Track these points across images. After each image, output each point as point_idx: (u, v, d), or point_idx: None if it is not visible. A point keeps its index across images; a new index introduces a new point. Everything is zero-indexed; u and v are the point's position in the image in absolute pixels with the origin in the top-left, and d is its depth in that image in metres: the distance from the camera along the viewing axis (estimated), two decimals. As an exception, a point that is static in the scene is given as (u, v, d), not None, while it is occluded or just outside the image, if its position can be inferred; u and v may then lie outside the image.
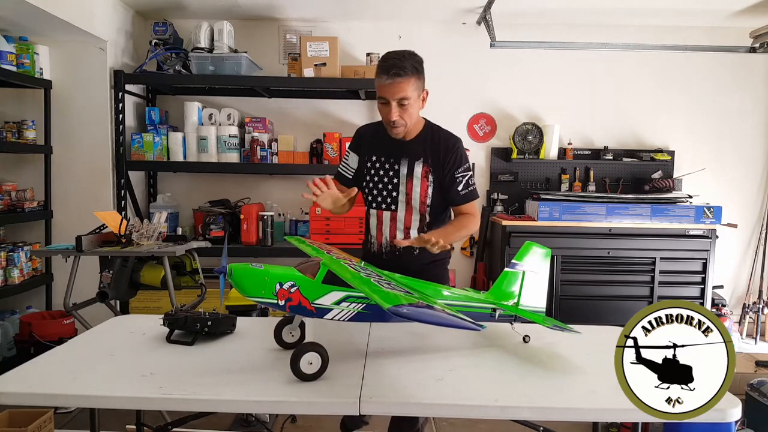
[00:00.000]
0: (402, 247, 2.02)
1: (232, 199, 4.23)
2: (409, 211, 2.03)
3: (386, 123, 1.98)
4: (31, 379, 1.39)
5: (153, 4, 4.08)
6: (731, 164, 4.51)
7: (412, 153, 2.03)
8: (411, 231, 2.04)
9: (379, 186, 2.06)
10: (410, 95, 1.92)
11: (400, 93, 1.91)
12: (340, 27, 4.34)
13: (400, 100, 1.92)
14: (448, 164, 2.01)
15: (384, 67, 1.92)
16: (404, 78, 1.90)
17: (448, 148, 2.02)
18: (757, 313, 4.35)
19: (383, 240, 2.08)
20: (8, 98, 3.76)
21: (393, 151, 2.05)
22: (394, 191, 2.04)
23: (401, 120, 1.95)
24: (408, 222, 2.04)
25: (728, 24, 4.29)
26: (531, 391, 1.36)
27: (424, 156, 2.02)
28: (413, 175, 2.01)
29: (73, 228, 3.13)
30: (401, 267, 1.91)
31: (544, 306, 1.78)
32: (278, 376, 1.40)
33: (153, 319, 1.88)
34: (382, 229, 2.07)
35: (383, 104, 1.95)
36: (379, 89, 1.94)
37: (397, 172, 2.03)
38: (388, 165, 2.04)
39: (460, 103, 4.44)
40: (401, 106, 1.93)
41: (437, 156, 2.01)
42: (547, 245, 1.80)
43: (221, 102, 4.32)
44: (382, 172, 2.05)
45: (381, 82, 1.92)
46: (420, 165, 2.01)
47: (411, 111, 1.96)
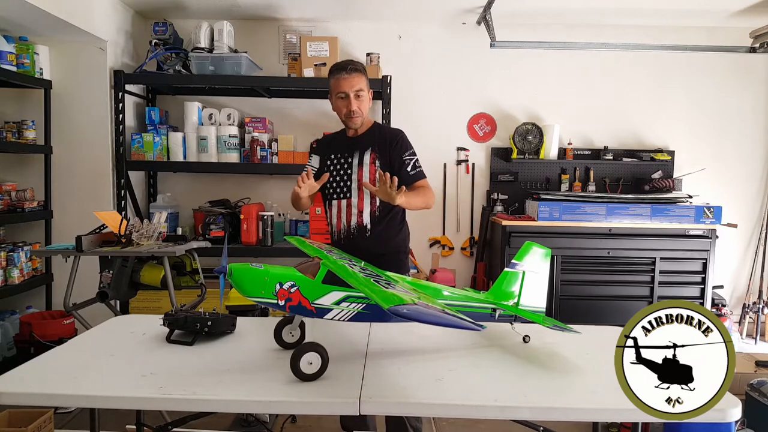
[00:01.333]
0: (356, 231, 2.28)
1: (232, 199, 4.23)
2: (361, 196, 2.28)
3: (345, 116, 2.27)
4: (31, 379, 1.39)
5: (153, 4, 4.09)
6: (731, 164, 4.51)
7: (362, 145, 2.31)
8: (363, 214, 2.28)
9: (336, 179, 2.32)
10: (364, 88, 2.27)
11: (357, 85, 2.24)
12: (340, 27, 4.34)
13: (357, 92, 2.24)
14: (395, 150, 2.28)
15: (340, 65, 2.27)
16: (359, 73, 2.26)
17: (393, 136, 2.32)
18: (757, 313, 4.35)
19: (342, 226, 2.32)
20: (8, 98, 3.76)
21: (347, 147, 2.33)
22: (348, 180, 2.30)
23: (359, 110, 2.26)
24: (360, 206, 2.28)
25: (728, 24, 4.29)
26: (531, 391, 1.36)
27: (372, 146, 2.30)
28: (363, 162, 2.28)
29: (73, 228, 3.13)
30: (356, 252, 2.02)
31: (544, 306, 1.78)
32: (278, 376, 1.40)
33: (153, 319, 1.88)
34: (341, 216, 2.32)
35: (341, 99, 2.25)
36: (337, 86, 2.25)
37: (350, 163, 2.30)
38: (342, 159, 2.32)
39: (460, 103, 4.44)
40: (358, 97, 2.25)
41: (384, 144, 2.30)
42: (547, 245, 1.80)
43: (221, 102, 4.32)
44: (338, 166, 2.32)
45: (340, 76, 2.23)
46: (368, 153, 2.29)
47: (365, 103, 2.28)
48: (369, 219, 2.28)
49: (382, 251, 2.27)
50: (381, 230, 2.29)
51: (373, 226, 2.28)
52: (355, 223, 2.29)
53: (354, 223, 2.29)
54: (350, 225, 2.29)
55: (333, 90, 2.28)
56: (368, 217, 2.28)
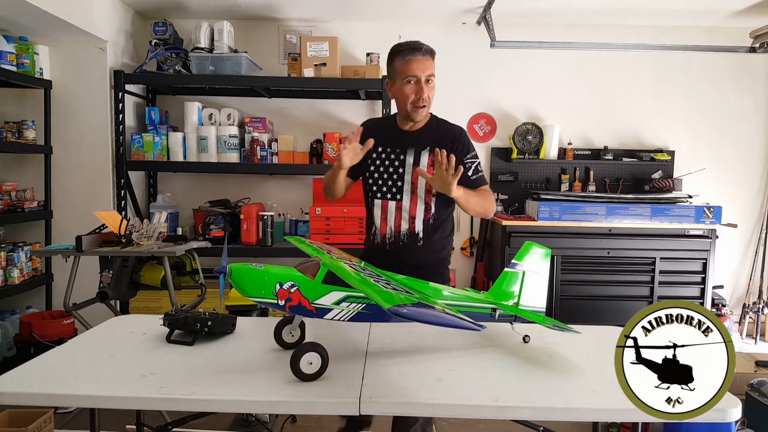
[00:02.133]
0: (407, 238, 2.05)
1: (232, 199, 4.23)
2: (414, 200, 2.03)
3: (412, 104, 1.98)
4: (31, 379, 1.39)
5: (153, 4, 4.09)
6: (731, 164, 4.51)
7: (418, 143, 2.04)
8: (416, 221, 2.04)
9: (384, 176, 2.06)
10: (434, 73, 1.98)
11: (429, 69, 1.96)
12: (340, 27, 4.34)
13: (429, 77, 1.96)
14: (456, 151, 1.99)
15: (411, 44, 1.97)
16: (431, 57, 1.97)
17: (455, 136, 2.06)
18: (757, 313, 4.35)
19: (387, 231, 2.07)
20: (8, 98, 3.76)
21: (399, 141, 2.06)
22: (399, 181, 2.04)
23: (428, 98, 1.98)
24: (413, 211, 2.04)
25: (728, 24, 4.29)
26: (531, 391, 1.36)
27: (431, 146, 2.01)
28: (419, 164, 2.02)
29: (73, 228, 3.13)
30: (403, 261, 1.95)
31: (544, 306, 1.78)
32: (278, 376, 1.40)
33: (153, 319, 1.88)
34: (387, 219, 2.07)
35: (409, 84, 1.96)
36: (405, 68, 1.96)
37: (402, 161, 2.04)
38: (393, 155, 2.05)
39: (460, 103, 4.44)
40: (428, 83, 1.97)
41: (444, 145, 1.99)
42: (547, 245, 1.80)
43: (221, 102, 4.32)
44: (388, 162, 2.06)
45: (411, 57, 1.95)
46: (426, 154, 2.03)
47: (434, 91, 2.00)
48: (422, 227, 2.04)
49: (431, 262, 2.09)
50: (434, 240, 2.07)
51: (425, 235, 2.05)
52: (406, 229, 2.04)
53: (405, 229, 2.04)
54: (400, 231, 2.05)
55: (399, 73, 1.97)
56: (421, 225, 2.04)
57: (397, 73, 2.00)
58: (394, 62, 2.01)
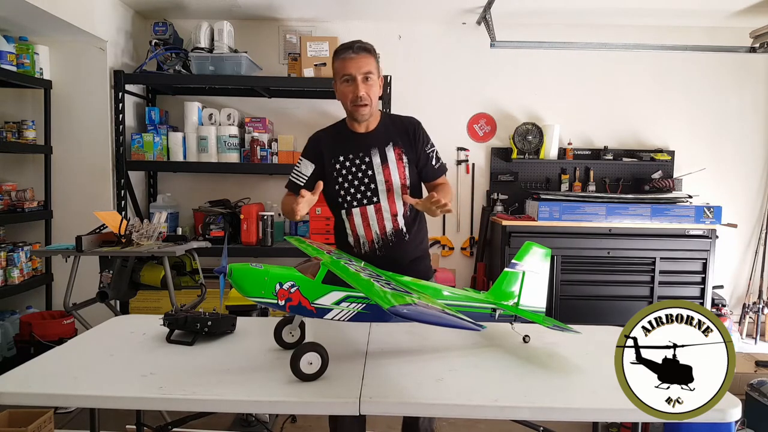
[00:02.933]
0: (395, 237, 2.03)
1: (232, 199, 4.23)
2: (392, 197, 2.01)
3: (351, 102, 1.95)
4: (31, 379, 1.39)
5: (153, 4, 4.09)
6: (731, 164, 4.51)
7: (379, 141, 2.02)
8: (398, 217, 2.02)
9: (355, 183, 2.01)
10: (374, 71, 1.94)
11: (366, 67, 1.91)
12: (340, 27, 4.34)
13: (366, 75, 1.92)
14: (418, 143, 2.03)
15: (346, 45, 1.94)
16: (367, 53, 1.93)
17: (414, 129, 2.05)
18: (757, 313, 4.35)
19: (374, 235, 2.03)
20: (8, 98, 3.76)
21: (359, 144, 2.02)
22: (372, 183, 2.00)
23: (366, 96, 1.93)
24: (393, 209, 2.02)
25: (728, 24, 4.29)
26: (531, 391, 1.36)
27: (393, 140, 2.01)
28: (387, 160, 2.00)
29: (73, 228, 3.13)
30: (395, 261, 1.95)
31: (544, 306, 1.78)
32: (278, 376, 1.40)
33: (153, 319, 1.88)
34: (370, 224, 2.02)
35: (347, 83, 1.93)
36: (342, 67, 1.93)
37: (369, 163, 2.00)
38: (358, 160, 2.00)
39: (460, 103, 4.44)
40: (366, 81, 1.92)
41: (405, 137, 2.03)
42: (547, 245, 1.80)
43: (221, 102, 4.32)
44: (354, 169, 2.01)
45: (346, 56, 1.92)
46: (391, 149, 2.01)
47: (374, 89, 1.96)
48: (403, 221, 2.03)
49: (419, 255, 2.10)
50: (416, 231, 2.08)
51: (408, 229, 2.04)
52: (391, 229, 2.02)
53: (390, 229, 2.02)
54: (385, 232, 2.02)
55: (337, 73, 1.96)
56: (402, 220, 2.02)
57: (336, 73, 1.97)
58: (334, 63, 1.98)
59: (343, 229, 2.08)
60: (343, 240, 2.10)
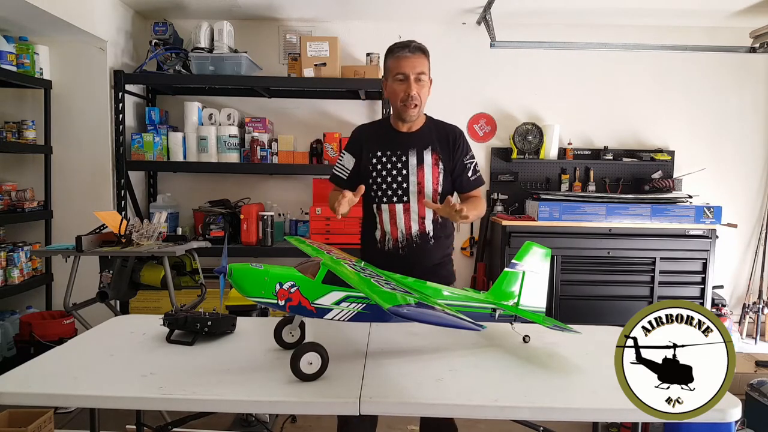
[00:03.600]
0: (419, 239, 2.05)
1: (232, 199, 4.23)
2: (421, 200, 2.03)
3: (401, 101, 1.98)
4: (31, 379, 1.39)
5: (153, 4, 4.09)
6: (731, 164, 4.51)
7: (419, 143, 2.05)
8: (425, 221, 2.05)
9: (388, 180, 2.04)
10: (426, 72, 1.99)
11: (419, 66, 1.96)
12: (340, 27, 4.34)
13: (419, 75, 1.96)
14: (457, 152, 2.05)
15: (402, 43, 1.99)
16: (422, 54, 1.98)
17: (455, 137, 2.08)
18: (757, 313, 4.35)
19: (399, 234, 2.05)
20: (8, 98, 3.76)
21: (399, 143, 2.05)
22: (405, 182, 2.03)
23: (418, 96, 1.97)
24: (422, 212, 2.04)
25: (728, 24, 4.29)
26: (531, 391, 1.36)
27: (432, 144, 2.04)
28: (423, 163, 2.03)
29: (73, 228, 3.13)
30: (417, 263, 1.97)
31: (544, 306, 1.78)
32: (278, 376, 1.40)
33: (153, 319, 1.88)
34: (397, 222, 2.05)
35: (400, 81, 1.97)
36: (396, 66, 1.97)
37: (405, 163, 2.03)
38: (395, 158, 2.04)
39: (460, 103, 4.44)
40: (418, 81, 1.96)
41: (445, 144, 2.05)
42: (547, 245, 1.80)
43: (221, 102, 4.33)
44: (390, 166, 2.04)
45: (400, 55, 1.96)
46: (429, 153, 2.04)
47: (425, 90, 2.00)
48: (432, 226, 2.06)
49: (441, 260, 2.13)
50: (442, 238, 2.10)
51: (435, 233, 2.07)
52: (417, 230, 2.04)
53: (416, 230, 2.04)
54: (411, 232, 2.04)
55: (391, 71, 1.99)
56: (431, 224, 2.05)
57: (389, 70, 2.01)
58: (387, 61, 2.02)
59: (373, 222, 2.11)
60: (371, 232, 2.13)
